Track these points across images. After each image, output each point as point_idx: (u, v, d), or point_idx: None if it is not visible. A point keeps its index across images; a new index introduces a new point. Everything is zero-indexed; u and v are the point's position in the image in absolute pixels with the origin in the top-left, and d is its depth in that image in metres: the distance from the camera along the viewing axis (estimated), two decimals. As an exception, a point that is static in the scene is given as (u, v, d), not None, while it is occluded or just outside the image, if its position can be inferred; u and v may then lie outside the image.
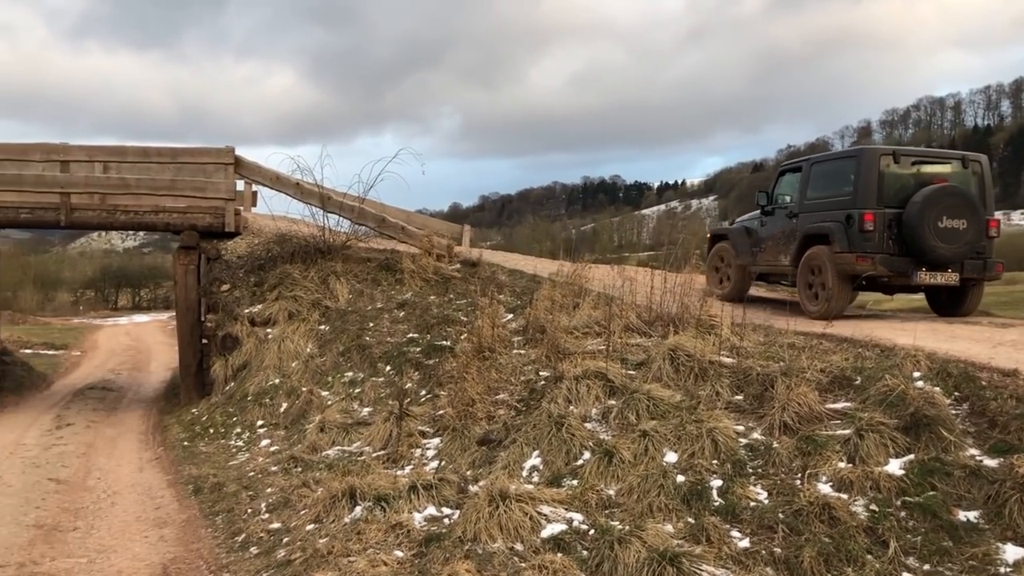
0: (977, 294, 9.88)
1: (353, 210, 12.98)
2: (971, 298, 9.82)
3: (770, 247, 10.77)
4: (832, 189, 9.97)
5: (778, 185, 11.08)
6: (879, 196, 9.32)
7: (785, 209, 10.66)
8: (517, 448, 6.66)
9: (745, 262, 11.10)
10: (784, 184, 11.01)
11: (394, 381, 10.00)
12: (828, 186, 10.09)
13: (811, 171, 10.35)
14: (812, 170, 10.35)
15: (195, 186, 13.20)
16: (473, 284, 11.96)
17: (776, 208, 10.88)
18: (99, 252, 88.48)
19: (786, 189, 10.95)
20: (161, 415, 12.65)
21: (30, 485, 8.52)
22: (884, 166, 9.41)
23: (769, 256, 10.76)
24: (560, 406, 6.97)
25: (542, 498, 5.66)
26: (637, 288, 9.71)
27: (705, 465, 5.54)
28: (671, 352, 7.03)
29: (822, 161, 10.61)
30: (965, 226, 9.14)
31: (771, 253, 10.72)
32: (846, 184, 9.72)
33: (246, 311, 12.11)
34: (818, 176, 10.27)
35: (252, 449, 9.54)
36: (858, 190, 9.40)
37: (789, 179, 10.94)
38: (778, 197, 10.98)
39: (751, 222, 11.51)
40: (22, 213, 13.45)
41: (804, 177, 10.40)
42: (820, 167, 10.38)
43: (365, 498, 6.33)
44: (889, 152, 9.69)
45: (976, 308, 9.96)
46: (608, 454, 5.96)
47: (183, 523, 7.15)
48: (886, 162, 9.46)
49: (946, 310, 9.93)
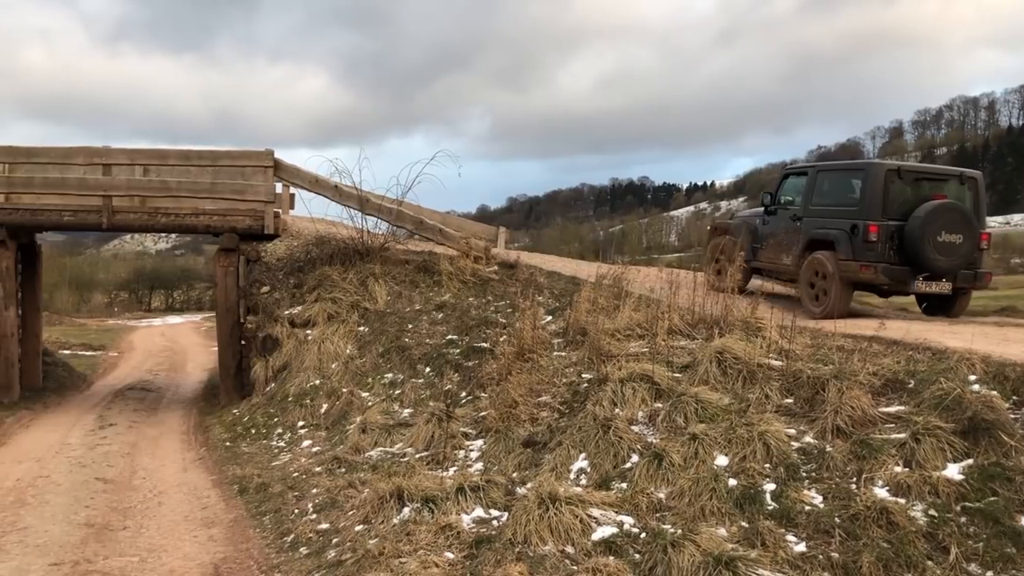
0: (965, 300, 10.50)
1: (391, 212, 13.04)
2: (959, 304, 10.41)
3: (772, 245, 11.26)
4: (838, 198, 10.49)
5: (782, 187, 11.53)
6: (883, 209, 9.82)
7: (789, 211, 11.10)
8: (563, 450, 6.65)
9: (746, 257, 11.39)
10: (788, 186, 11.45)
11: (434, 383, 10.03)
12: (834, 195, 10.60)
13: (817, 178, 10.83)
14: (818, 177, 10.84)
15: (235, 189, 13.32)
16: (511, 286, 11.98)
17: (779, 209, 11.34)
18: (132, 254, 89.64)
19: (789, 191, 11.40)
20: (201, 416, 12.76)
21: (78, 484, 8.63)
22: (889, 181, 9.90)
23: (770, 254, 11.27)
24: (605, 408, 6.96)
25: (592, 501, 5.65)
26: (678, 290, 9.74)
27: (757, 469, 5.50)
28: (718, 355, 6.98)
29: (829, 170, 11.11)
30: (961, 240, 9.74)
31: (773, 251, 11.23)
32: (852, 195, 10.28)
33: (286, 312, 12.19)
34: (824, 184, 10.77)
35: (294, 450, 9.60)
36: (864, 202, 9.94)
37: (793, 182, 11.41)
38: (781, 198, 11.43)
39: (752, 219, 11.99)
40: (65, 215, 13.64)
41: (810, 183, 10.87)
42: (827, 175, 10.88)
43: (413, 499, 6.35)
44: (894, 168, 10.17)
45: (963, 312, 10.51)
46: (657, 457, 5.94)
47: (231, 523, 7.21)
48: (891, 177, 9.94)
49: (935, 313, 10.45)
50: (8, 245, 13.48)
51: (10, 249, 13.55)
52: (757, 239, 11.58)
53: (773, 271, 11.39)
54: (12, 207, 13.76)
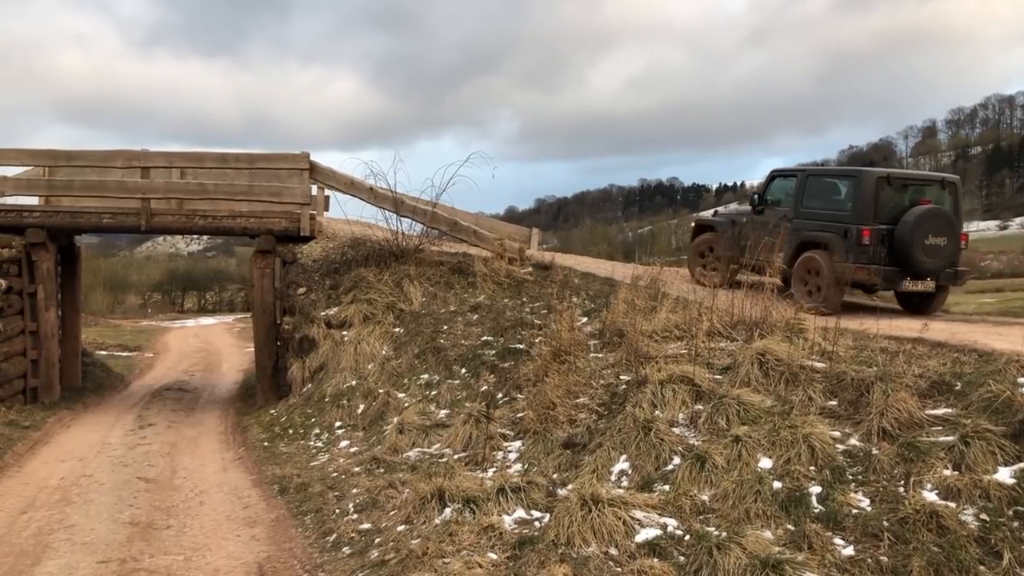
0: (943, 297, 11.31)
1: (426, 214, 13.09)
2: (938, 300, 11.19)
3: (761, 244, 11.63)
4: (829, 202, 11.25)
5: (769, 187, 12.18)
6: (874, 214, 10.54)
7: (778, 211, 11.71)
8: (604, 452, 6.65)
9: (732, 253, 12.17)
10: (775, 187, 12.13)
11: (470, 384, 10.06)
12: (825, 198, 11.35)
13: (807, 182, 11.53)
14: (808, 181, 11.55)
15: (271, 191, 13.44)
16: (546, 287, 11.98)
17: (766, 208, 11.99)
18: (164, 256, 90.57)
19: (776, 192, 12.09)
20: (239, 416, 12.88)
21: (121, 483, 8.74)
22: (879, 187, 10.64)
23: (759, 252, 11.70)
24: (645, 410, 6.94)
25: (634, 503, 5.65)
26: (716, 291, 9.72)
27: (802, 471, 5.47)
28: (759, 356, 6.95)
29: (819, 175, 11.93)
30: (945, 243, 10.54)
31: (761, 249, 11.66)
32: (845, 200, 11.03)
33: (322, 314, 12.27)
34: (815, 188, 11.47)
35: (332, 450, 9.66)
36: (857, 208, 10.66)
37: (780, 183, 12.08)
38: (768, 198, 12.09)
39: (738, 216, 12.67)
40: (104, 218, 13.83)
41: (800, 186, 11.54)
42: (818, 180, 11.64)
43: (454, 500, 6.38)
44: (884, 175, 10.91)
45: (940, 308, 11.31)
46: (700, 459, 5.92)
47: (272, 522, 7.27)
48: (881, 184, 10.69)
49: (915, 309, 11.05)
50: (48, 247, 13.67)
51: (50, 251, 13.74)
52: (744, 236, 12.02)
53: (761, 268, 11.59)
54: (52, 210, 13.99)
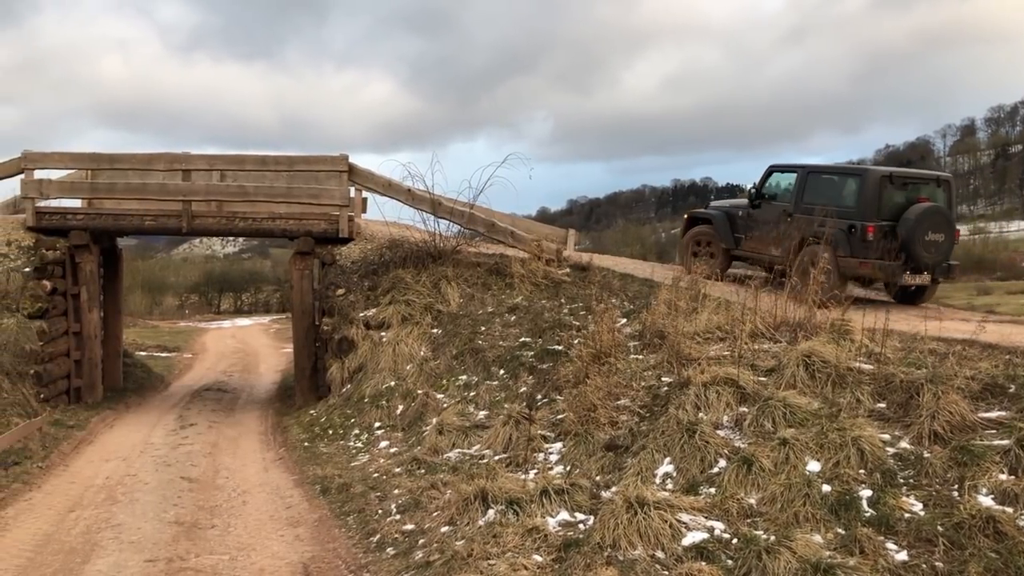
0: (934, 289, 11.91)
1: (463, 215, 13.10)
2: (929, 292, 11.83)
3: (758, 236, 12.35)
4: (834, 198, 11.55)
5: (767, 182, 12.58)
6: (878, 211, 11.06)
7: (777, 205, 12.18)
8: (647, 455, 6.60)
9: (728, 245, 12.77)
10: (773, 182, 12.55)
11: (508, 385, 10.05)
12: (829, 195, 11.69)
13: (808, 179, 11.95)
14: (810, 178, 11.96)
15: (311, 193, 13.53)
16: (584, 288, 11.93)
17: (763, 203, 12.45)
18: (201, 258, 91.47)
19: (774, 187, 12.51)
20: (278, 416, 12.98)
21: (165, 483, 8.84)
22: (883, 186, 11.16)
23: (756, 244, 12.41)
24: (689, 413, 6.89)
25: (680, 505, 5.60)
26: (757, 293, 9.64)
27: (851, 475, 5.39)
28: (805, 358, 6.86)
29: (820, 172, 12.25)
30: (942, 239, 11.15)
31: (759, 242, 12.34)
32: (849, 197, 11.44)
33: (361, 315, 12.33)
34: (817, 184, 11.90)
35: (372, 450, 9.70)
36: (861, 205, 11.13)
37: (778, 178, 12.51)
38: (765, 193, 12.51)
39: (733, 210, 13.05)
40: (146, 220, 14.01)
41: (800, 182, 11.96)
42: (819, 177, 12.04)
43: (497, 501, 6.37)
44: (887, 174, 11.41)
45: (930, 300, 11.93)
46: (746, 462, 5.85)
47: (315, 523, 7.31)
48: (884, 183, 11.20)
49: (907, 301, 11.70)
50: (91, 249, 13.86)
51: (93, 253, 13.94)
52: (739, 229, 12.68)
53: (759, 260, 12.45)
54: (95, 212, 14.20)
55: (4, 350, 12.05)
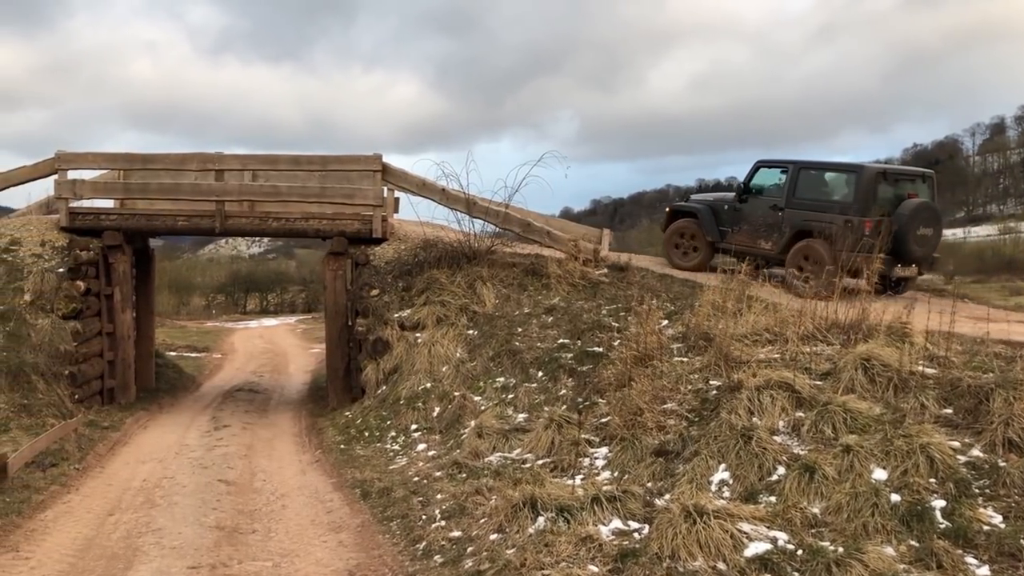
0: (914, 280, 12.41)
1: (498, 215, 12.93)
2: (910, 284, 12.34)
3: (746, 230, 12.64)
4: (829, 193, 12.10)
5: (755, 177, 12.81)
6: (873, 206, 11.50)
7: (766, 200, 12.46)
8: (701, 461, 6.41)
9: (713, 239, 13.01)
10: (760, 177, 12.78)
11: (547, 387, 9.88)
12: (824, 190, 12.21)
13: (799, 174, 12.22)
14: (801, 174, 12.24)
15: (344, 193, 13.42)
16: (623, 289, 11.74)
17: (751, 197, 12.72)
18: (226, 258, 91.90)
19: (762, 181, 12.75)
20: (312, 417, 12.88)
21: (202, 486, 8.73)
22: (877, 182, 11.64)
23: (744, 238, 12.66)
24: (742, 418, 6.69)
25: (740, 515, 5.40)
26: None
27: (922, 484, 5.18)
28: (863, 361, 6.64)
29: (812, 167, 12.51)
30: (931, 233, 11.79)
31: (747, 236, 12.62)
32: (844, 192, 11.86)
33: (395, 315, 12.19)
34: (811, 180, 12.27)
35: (410, 453, 9.56)
36: (858, 200, 11.51)
37: (765, 173, 12.74)
38: (752, 188, 12.77)
39: (717, 204, 13.28)
40: (179, 220, 13.95)
41: (792, 177, 12.22)
42: (811, 173, 12.36)
43: (547, 508, 6.19)
44: (881, 171, 11.90)
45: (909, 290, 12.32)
46: (808, 470, 5.65)
47: (358, 528, 7.17)
48: (879, 178, 11.68)
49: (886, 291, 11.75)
50: (125, 249, 13.83)
51: (126, 253, 13.90)
52: (725, 223, 12.91)
53: (746, 253, 12.42)
54: (128, 212, 14.16)
55: (39, 351, 12.02)
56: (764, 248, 12.33)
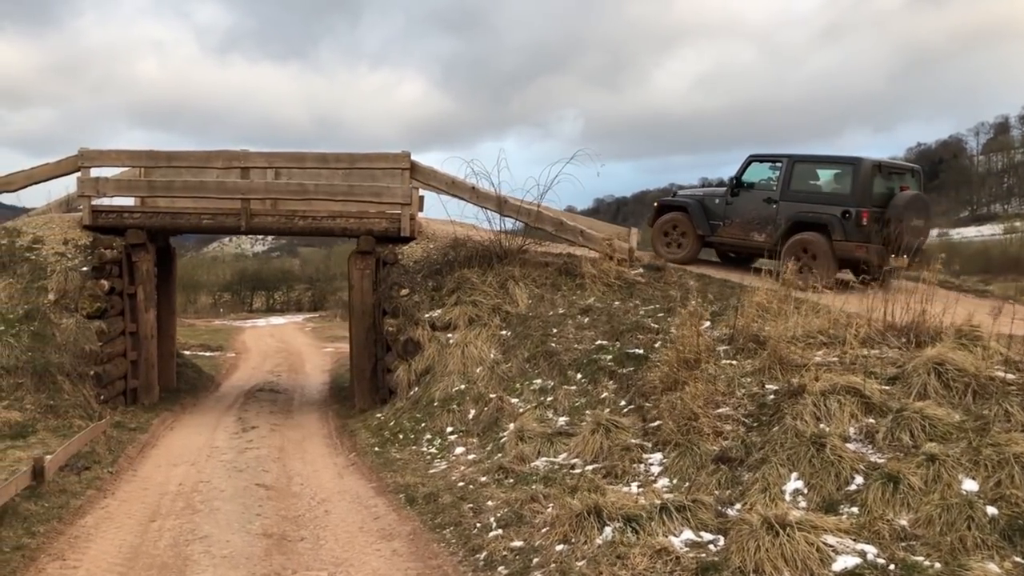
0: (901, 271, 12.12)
1: (530, 213, 12.72)
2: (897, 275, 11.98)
3: (738, 223, 12.74)
4: (825, 186, 12.27)
5: (746, 171, 12.88)
6: (870, 198, 11.66)
7: (759, 193, 12.57)
8: (770, 469, 6.20)
9: (704, 232, 13.08)
10: (752, 171, 12.87)
11: (588, 390, 9.68)
12: (820, 183, 12.35)
13: (795, 167, 12.32)
14: (796, 167, 12.33)
15: (372, 191, 13.21)
16: (660, 289, 11.54)
17: (743, 191, 12.78)
18: (230, 256, 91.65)
19: (753, 176, 12.83)
20: (340, 419, 12.68)
21: (241, 490, 8.53)
22: (874, 174, 11.79)
23: (736, 231, 12.79)
24: (809, 424, 6.49)
25: (824, 526, 5.20)
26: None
27: (1019, 496, 4.97)
28: (935, 366, 6.44)
29: (808, 161, 12.51)
30: (923, 224, 12.11)
31: (740, 229, 12.74)
32: (841, 185, 12.03)
33: (426, 315, 11.99)
34: (804, 173, 12.36)
35: (448, 456, 9.36)
36: (856, 192, 11.68)
37: (757, 168, 12.84)
38: (744, 181, 12.83)
39: (707, 198, 13.33)
40: (204, 219, 13.75)
41: (786, 171, 12.32)
42: (807, 166, 12.42)
43: (613, 518, 5.99)
44: (877, 163, 12.05)
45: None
46: (891, 479, 5.45)
47: (410, 536, 6.96)
48: (874, 171, 11.84)
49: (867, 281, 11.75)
50: (148, 248, 13.65)
51: (150, 252, 13.72)
52: (715, 216, 13.02)
53: (739, 246, 12.96)
54: (152, 210, 13.97)
55: (64, 351, 11.83)
56: (758, 241, 12.47)
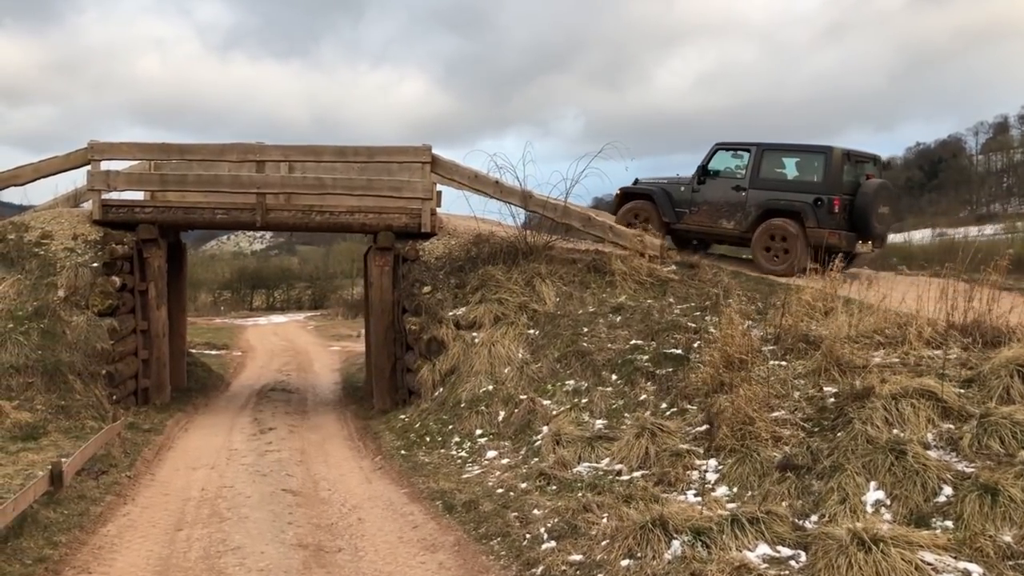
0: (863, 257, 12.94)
1: (556, 209, 12.33)
2: (858, 260, 12.88)
3: (706, 211, 12.89)
4: (796, 174, 12.50)
5: (712, 159, 12.99)
6: (841, 186, 11.97)
7: (726, 181, 12.74)
8: (846, 478, 5.82)
9: (670, 220, 13.14)
10: (718, 159, 13.00)
11: (625, 392, 9.32)
12: (790, 171, 12.57)
13: (763, 155, 12.50)
14: (765, 155, 12.51)
15: (392, 186, 12.80)
16: (694, 287, 11.16)
17: (709, 179, 12.91)
18: (228, 254, 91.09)
19: (720, 164, 12.97)
20: (359, 420, 12.30)
21: (267, 496, 8.13)
22: (844, 162, 12.09)
23: (703, 219, 12.93)
24: (881, 429, 6.12)
25: (918, 542, 4.82)
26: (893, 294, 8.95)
27: None
28: (1018, 368, 6.07)
29: (776, 149, 12.65)
30: (888, 212, 12.52)
31: (707, 216, 12.88)
32: (811, 173, 12.28)
33: (450, 314, 11.60)
34: (773, 161, 12.56)
35: (480, 461, 8.98)
36: (827, 180, 11.98)
37: (723, 156, 12.99)
38: (711, 169, 12.95)
39: (671, 186, 13.37)
40: (218, 214, 13.32)
41: (755, 159, 12.49)
42: (776, 154, 12.58)
43: (680, 531, 5.61)
44: (846, 152, 12.29)
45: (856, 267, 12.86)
46: (988, 491, 5.07)
47: (454, 547, 6.57)
48: (844, 160, 12.12)
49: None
50: (160, 244, 13.23)
51: (161, 248, 13.30)
52: (681, 204, 13.14)
53: (706, 233, 13.14)
54: (164, 205, 13.55)
55: (75, 349, 11.43)
56: (726, 228, 12.71)
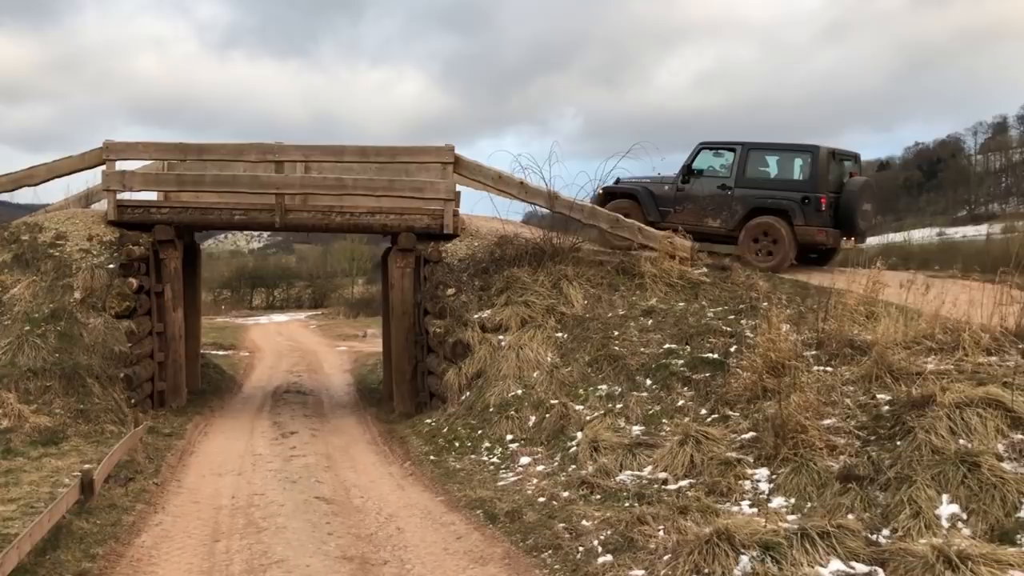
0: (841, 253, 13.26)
1: (583, 210, 12.15)
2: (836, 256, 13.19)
3: (691, 209, 12.97)
4: (782, 173, 12.71)
5: (696, 158, 13.14)
6: (827, 184, 12.18)
7: (711, 180, 12.88)
8: (916, 491, 5.64)
9: (654, 218, 13.13)
10: (702, 159, 13.15)
11: (661, 397, 9.16)
12: (776, 169, 12.78)
13: (749, 155, 12.67)
14: (750, 154, 12.69)
15: (414, 186, 12.60)
16: (727, 290, 10.97)
17: (693, 178, 13.04)
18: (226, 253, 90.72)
19: (703, 163, 13.12)
20: (382, 424, 12.09)
21: (301, 505, 7.93)
22: (829, 161, 12.31)
23: (689, 217, 12.88)
24: (946, 440, 5.94)
25: (1007, 560, 4.64)
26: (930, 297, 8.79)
27: None
28: (1091, 378, 5.90)
29: (762, 148, 12.85)
30: (870, 208, 12.85)
31: (692, 214, 12.91)
32: (798, 171, 12.51)
33: (475, 316, 11.40)
34: (759, 160, 12.78)
35: (513, 467, 8.78)
36: (814, 178, 12.16)
37: (707, 155, 13.16)
38: (695, 168, 13.09)
39: (655, 185, 13.49)
40: (236, 215, 13.11)
41: (741, 158, 12.66)
42: (760, 153, 12.80)
43: (747, 546, 5.42)
44: (831, 151, 12.49)
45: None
46: (1075, 506, 4.90)
47: (504, 560, 6.37)
48: (829, 158, 12.34)
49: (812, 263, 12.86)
50: (176, 245, 13.03)
51: (178, 249, 13.10)
52: (665, 203, 13.25)
53: (692, 232, 12.67)
54: (181, 206, 13.32)
55: (93, 352, 11.22)
56: (712, 226, 12.77)
